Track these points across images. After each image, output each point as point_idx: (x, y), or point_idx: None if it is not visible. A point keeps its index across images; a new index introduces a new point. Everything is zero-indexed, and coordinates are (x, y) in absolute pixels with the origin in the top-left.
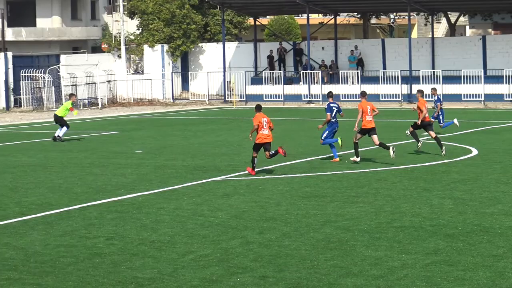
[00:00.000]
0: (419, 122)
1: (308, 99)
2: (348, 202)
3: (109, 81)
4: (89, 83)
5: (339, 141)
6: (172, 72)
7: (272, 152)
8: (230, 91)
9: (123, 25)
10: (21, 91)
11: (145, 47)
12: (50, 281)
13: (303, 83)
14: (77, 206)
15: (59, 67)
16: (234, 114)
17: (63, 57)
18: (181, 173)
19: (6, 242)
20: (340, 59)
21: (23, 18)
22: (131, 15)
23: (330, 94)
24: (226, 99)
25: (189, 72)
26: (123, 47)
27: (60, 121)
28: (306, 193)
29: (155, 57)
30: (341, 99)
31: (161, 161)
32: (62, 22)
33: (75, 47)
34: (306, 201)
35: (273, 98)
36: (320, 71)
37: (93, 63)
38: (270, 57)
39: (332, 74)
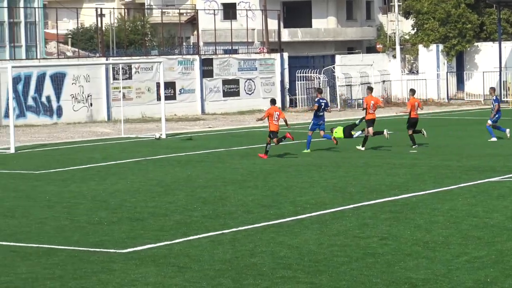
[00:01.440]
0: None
1: None
2: None
3: (383, 81)
4: (364, 83)
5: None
6: (447, 72)
7: (280, 137)
8: (507, 91)
9: (398, 25)
10: (296, 91)
11: (420, 47)
12: (324, 280)
13: None
14: (351, 206)
15: (334, 67)
16: (511, 115)
17: (338, 58)
18: (455, 174)
19: (281, 241)
20: None
21: (299, 19)
22: (406, 15)
23: (319, 91)
24: (503, 99)
25: (464, 72)
26: (397, 47)
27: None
28: None
29: (430, 57)
30: None
31: (435, 161)
32: (337, 23)
33: (350, 47)
34: None
35: None
36: None
37: (367, 63)
38: None
39: None
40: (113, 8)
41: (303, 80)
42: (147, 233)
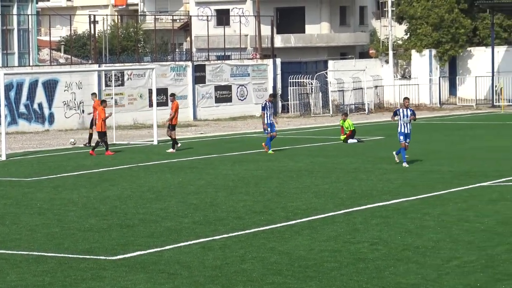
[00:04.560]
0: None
1: None
2: None
3: (376, 87)
4: (356, 89)
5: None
6: (439, 77)
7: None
8: (498, 95)
9: (391, 30)
10: (289, 97)
11: (413, 52)
12: (314, 285)
13: None
14: (342, 211)
15: (326, 73)
16: (502, 119)
17: (330, 63)
18: (446, 179)
19: (271, 247)
20: None
21: (292, 25)
22: (399, 20)
23: (272, 95)
24: (494, 103)
25: (457, 77)
26: (390, 52)
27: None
28: None
29: (422, 62)
30: None
31: (426, 166)
32: (330, 28)
33: (343, 52)
34: None
35: None
36: None
37: (360, 69)
38: None
39: None
40: (107, 15)
41: (295, 86)
42: (138, 240)
